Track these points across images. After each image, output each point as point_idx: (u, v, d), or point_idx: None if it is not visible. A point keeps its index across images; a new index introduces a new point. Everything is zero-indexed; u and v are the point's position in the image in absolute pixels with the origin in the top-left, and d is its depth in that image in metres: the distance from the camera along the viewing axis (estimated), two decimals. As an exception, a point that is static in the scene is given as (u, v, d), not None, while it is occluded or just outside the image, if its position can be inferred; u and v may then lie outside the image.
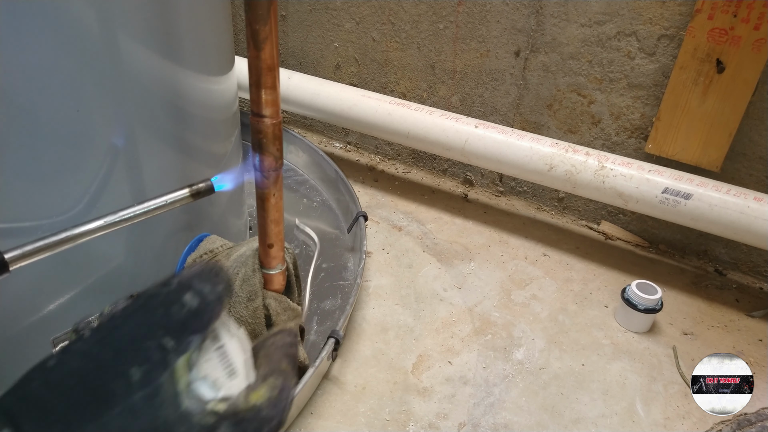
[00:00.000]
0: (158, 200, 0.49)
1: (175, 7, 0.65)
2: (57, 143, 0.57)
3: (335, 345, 0.82)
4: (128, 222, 0.47)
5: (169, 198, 0.50)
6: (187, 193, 0.50)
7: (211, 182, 0.51)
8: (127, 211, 0.48)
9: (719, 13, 0.96)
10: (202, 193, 0.51)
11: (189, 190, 0.50)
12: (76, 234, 0.45)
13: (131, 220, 0.48)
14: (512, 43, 1.19)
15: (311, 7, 1.39)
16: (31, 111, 0.54)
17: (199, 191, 0.51)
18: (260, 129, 0.63)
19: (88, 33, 0.56)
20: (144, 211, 0.48)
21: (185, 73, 0.70)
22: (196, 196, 0.51)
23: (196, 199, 0.51)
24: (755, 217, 0.94)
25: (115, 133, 0.62)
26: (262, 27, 0.57)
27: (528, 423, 0.83)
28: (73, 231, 0.45)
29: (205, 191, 0.51)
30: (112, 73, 0.60)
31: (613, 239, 1.24)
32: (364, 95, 1.24)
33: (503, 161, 1.12)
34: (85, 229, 0.46)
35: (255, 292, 0.72)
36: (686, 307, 1.06)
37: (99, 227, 0.46)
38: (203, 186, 0.51)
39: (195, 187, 0.51)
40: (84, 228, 0.46)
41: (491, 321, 1.00)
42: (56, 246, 0.44)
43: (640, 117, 1.12)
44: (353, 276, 1.02)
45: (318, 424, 0.80)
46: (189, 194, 0.51)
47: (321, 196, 1.27)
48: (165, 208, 0.49)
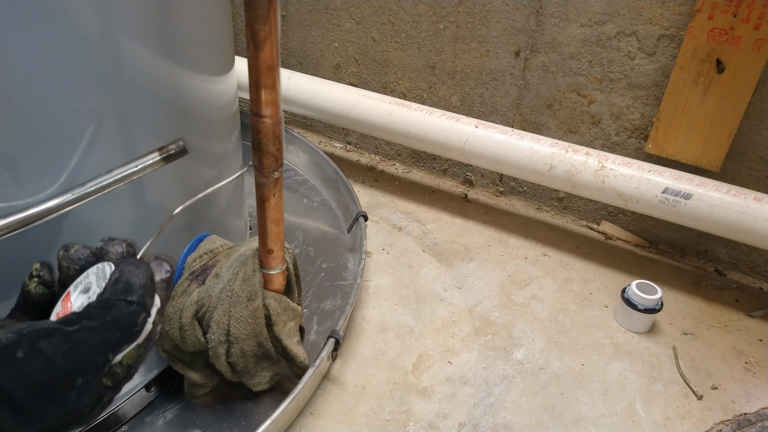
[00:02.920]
0: (128, 167, 0.44)
1: (175, 7, 0.65)
2: (57, 143, 0.57)
3: (335, 345, 0.82)
4: (99, 193, 0.42)
5: (139, 163, 0.45)
6: (158, 156, 0.45)
7: (182, 143, 0.46)
8: (96, 181, 0.43)
9: (719, 13, 0.96)
10: (173, 155, 0.46)
11: (159, 152, 0.45)
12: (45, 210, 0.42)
13: (102, 191, 0.43)
14: (512, 43, 1.19)
15: (311, 7, 1.39)
16: (31, 111, 0.54)
17: (170, 154, 0.46)
18: (260, 129, 0.63)
19: (88, 33, 0.56)
20: (114, 180, 0.44)
21: (185, 73, 0.70)
22: (167, 159, 0.46)
23: (169, 162, 0.46)
24: (755, 217, 0.94)
25: (114, 133, 0.62)
26: (262, 27, 0.57)
27: (528, 423, 0.83)
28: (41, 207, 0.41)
29: (177, 153, 0.46)
30: (112, 73, 0.60)
31: (613, 239, 1.24)
32: (364, 95, 1.24)
33: (503, 161, 1.12)
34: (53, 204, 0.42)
35: (255, 292, 0.72)
36: (686, 307, 1.06)
37: (68, 201, 0.42)
38: (174, 147, 0.46)
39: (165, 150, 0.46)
40: (52, 203, 0.42)
41: (491, 321, 1.00)
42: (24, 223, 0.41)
43: (640, 117, 1.12)
44: (353, 276, 1.03)
45: (318, 424, 0.80)
46: (160, 157, 0.45)
47: (321, 196, 1.27)
48: (136, 175, 0.45)
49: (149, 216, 0.71)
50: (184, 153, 0.47)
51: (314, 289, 1.01)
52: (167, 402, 0.80)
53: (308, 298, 0.99)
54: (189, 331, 0.72)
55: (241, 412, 0.79)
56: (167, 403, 0.79)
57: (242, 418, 0.78)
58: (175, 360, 0.76)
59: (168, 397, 0.80)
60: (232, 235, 0.90)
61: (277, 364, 0.77)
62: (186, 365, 0.77)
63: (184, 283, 0.75)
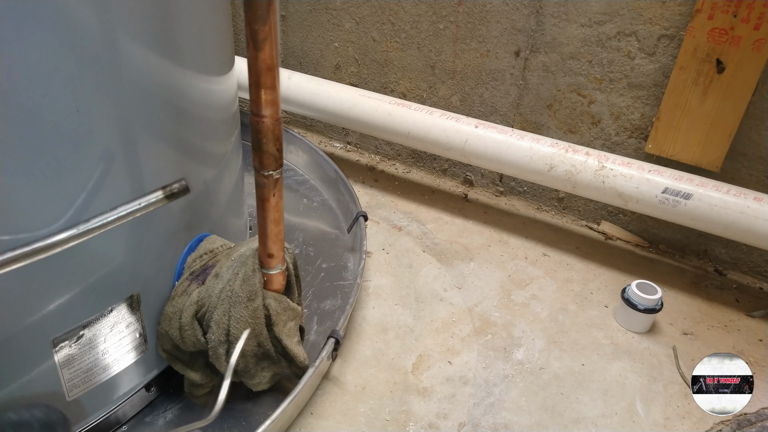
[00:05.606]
0: (131, 205, 0.45)
1: (174, 7, 0.65)
2: (57, 143, 0.57)
3: (335, 345, 0.82)
4: (102, 229, 0.44)
5: (142, 202, 0.45)
6: (161, 195, 0.46)
7: (184, 182, 0.46)
8: (100, 218, 0.44)
9: (719, 13, 0.96)
10: (176, 194, 0.46)
11: (162, 192, 0.46)
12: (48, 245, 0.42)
13: (105, 227, 0.44)
14: (512, 43, 1.19)
15: (311, 7, 1.39)
16: (31, 111, 0.54)
17: (173, 192, 0.46)
18: (260, 129, 0.63)
19: (88, 33, 0.56)
20: (117, 217, 0.45)
21: (185, 73, 0.70)
22: (170, 198, 0.46)
23: (171, 201, 0.47)
24: (755, 217, 0.94)
25: (115, 133, 0.62)
26: (261, 27, 0.57)
27: (528, 423, 0.83)
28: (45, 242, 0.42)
29: (180, 192, 0.46)
30: (112, 73, 0.60)
31: (613, 239, 1.24)
32: (364, 95, 1.24)
33: (503, 161, 1.12)
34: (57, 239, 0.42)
35: (255, 292, 0.72)
36: (686, 307, 1.06)
37: (72, 236, 0.43)
38: (177, 186, 0.46)
39: (168, 189, 0.46)
40: (56, 238, 0.42)
41: (491, 321, 1.00)
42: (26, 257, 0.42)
43: (640, 117, 1.12)
44: (353, 276, 1.03)
45: (318, 424, 0.80)
46: (162, 196, 0.46)
47: (321, 196, 1.27)
48: (139, 213, 0.46)
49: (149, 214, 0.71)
50: (186, 192, 0.47)
51: (314, 289, 1.01)
52: (167, 402, 0.80)
53: (308, 298, 0.99)
54: (189, 331, 0.72)
55: (241, 412, 0.79)
56: (167, 403, 0.79)
57: (242, 418, 0.78)
58: (175, 360, 0.76)
59: (168, 397, 0.80)
60: (232, 235, 0.90)
61: (277, 364, 0.77)
62: (186, 365, 0.77)
63: (184, 283, 0.75)
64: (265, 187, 0.66)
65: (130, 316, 0.71)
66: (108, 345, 0.70)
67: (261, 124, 0.62)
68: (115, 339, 0.70)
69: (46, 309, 0.61)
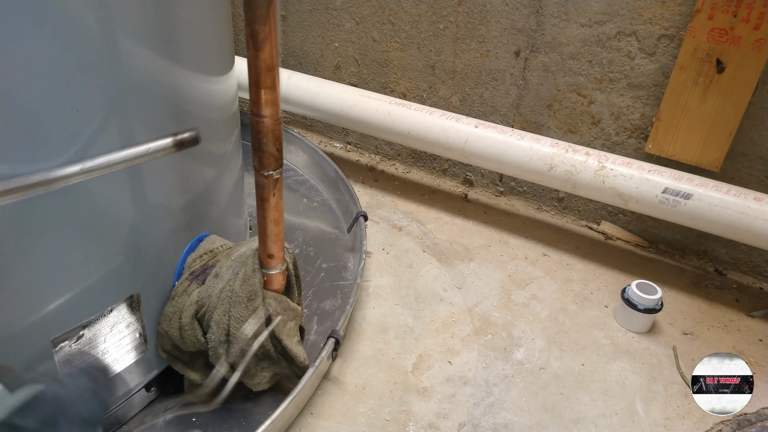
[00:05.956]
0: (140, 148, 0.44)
1: (175, 7, 0.65)
2: (57, 143, 0.57)
3: (335, 345, 0.82)
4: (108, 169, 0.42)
5: (152, 147, 0.45)
6: (171, 143, 0.45)
7: (195, 132, 0.46)
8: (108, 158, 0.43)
9: (719, 13, 0.96)
10: (186, 143, 0.46)
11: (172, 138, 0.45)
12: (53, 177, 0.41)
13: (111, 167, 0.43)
14: (512, 43, 1.19)
15: (311, 7, 1.39)
16: (31, 111, 0.54)
17: (183, 141, 0.46)
18: (260, 129, 0.63)
19: (88, 33, 0.56)
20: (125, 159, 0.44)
21: (185, 73, 0.70)
22: (179, 146, 0.46)
23: (180, 150, 0.45)
24: (755, 217, 0.94)
25: (115, 133, 0.62)
26: (261, 27, 0.57)
27: (528, 423, 0.83)
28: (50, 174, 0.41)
29: (190, 141, 0.46)
30: (112, 73, 0.60)
31: (613, 239, 1.24)
32: (364, 95, 1.24)
33: (503, 161, 1.12)
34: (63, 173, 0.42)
35: (255, 292, 0.72)
36: (686, 307, 1.06)
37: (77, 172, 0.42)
38: (187, 136, 0.46)
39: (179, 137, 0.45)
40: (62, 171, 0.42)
41: (491, 321, 1.00)
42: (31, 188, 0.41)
43: (640, 117, 1.12)
44: (353, 276, 1.02)
45: (318, 424, 0.80)
46: (172, 143, 0.45)
47: (321, 196, 1.27)
48: (147, 157, 0.44)
49: (149, 214, 0.71)
50: (196, 142, 0.47)
51: (314, 289, 1.01)
52: (167, 402, 0.80)
53: (308, 298, 0.99)
54: (189, 331, 0.72)
55: (241, 412, 0.79)
56: (167, 403, 0.79)
57: (242, 418, 0.78)
58: (175, 360, 0.76)
59: (168, 397, 0.80)
60: (232, 235, 0.90)
61: (277, 364, 0.77)
62: (186, 365, 0.77)
63: (184, 283, 0.75)
64: (265, 187, 0.66)
65: (130, 316, 0.71)
66: (108, 345, 0.70)
67: (261, 124, 0.62)
68: (115, 339, 0.70)
69: (46, 309, 0.61)
